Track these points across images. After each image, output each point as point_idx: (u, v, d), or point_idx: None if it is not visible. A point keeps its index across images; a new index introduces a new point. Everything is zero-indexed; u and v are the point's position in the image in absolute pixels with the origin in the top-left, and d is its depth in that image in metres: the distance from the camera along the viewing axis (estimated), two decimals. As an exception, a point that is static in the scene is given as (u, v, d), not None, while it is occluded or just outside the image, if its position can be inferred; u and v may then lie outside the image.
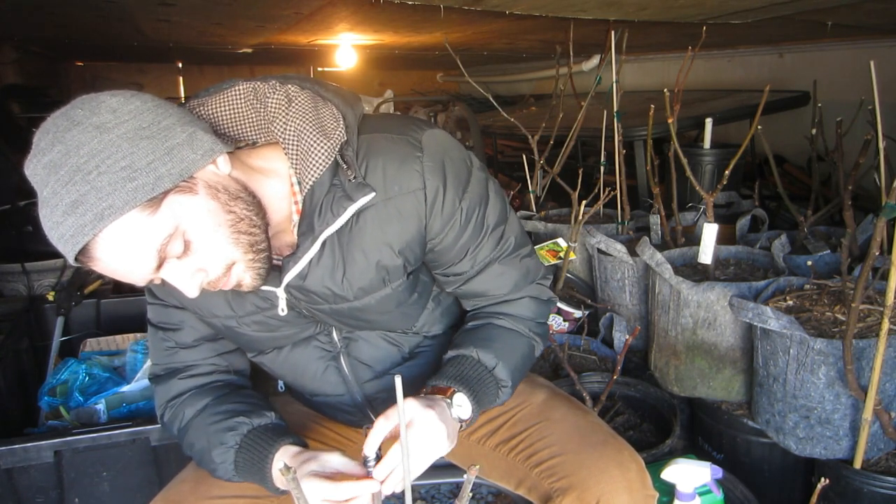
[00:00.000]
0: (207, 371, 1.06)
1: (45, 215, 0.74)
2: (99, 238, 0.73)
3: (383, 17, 2.94)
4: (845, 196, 1.75)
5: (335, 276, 0.94)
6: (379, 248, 0.93)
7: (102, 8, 2.79)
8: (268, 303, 0.99)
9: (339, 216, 0.88)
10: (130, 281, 0.80)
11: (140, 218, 0.74)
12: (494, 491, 1.82)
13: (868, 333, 1.50)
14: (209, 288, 0.84)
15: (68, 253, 0.74)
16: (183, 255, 0.79)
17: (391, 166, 0.91)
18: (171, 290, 0.95)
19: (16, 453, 1.23)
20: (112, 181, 0.72)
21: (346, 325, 1.04)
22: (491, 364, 0.98)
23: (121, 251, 0.75)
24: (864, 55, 2.67)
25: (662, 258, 1.86)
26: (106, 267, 0.77)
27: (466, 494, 0.76)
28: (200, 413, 1.01)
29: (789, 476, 1.71)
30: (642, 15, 2.42)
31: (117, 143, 0.74)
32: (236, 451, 0.95)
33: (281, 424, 1.01)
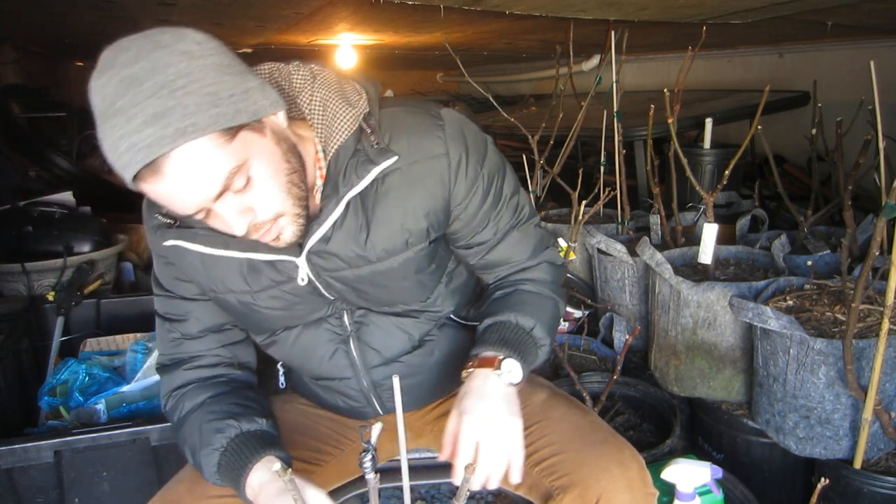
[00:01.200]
0: (212, 363, 1.06)
1: (118, 124, 0.74)
2: (174, 153, 0.75)
3: (383, 17, 2.94)
4: (845, 196, 1.75)
5: (359, 238, 0.96)
6: (403, 210, 0.96)
7: (102, 8, 2.79)
8: (284, 275, 0.99)
9: (363, 178, 0.91)
10: (181, 205, 0.81)
11: (217, 143, 0.77)
12: (494, 491, 1.82)
13: (868, 333, 1.50)
14: (252, 232, 0.86)
15: (136, 163, 0.75)
16: (242, 190, 0.82)
17: (414, 134, 0.95)
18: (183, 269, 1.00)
19: (16, 453, 1.23)
20: (197, 102, 0.75)
21: (362, 297, 1.04)
22: (529, 325, 1.01)
23: (191, 171, 0.77)
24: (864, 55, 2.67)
25: (662, 258, 1.86)
26: (168, 185, 0.77)
27: (464, 494, 0.76)
28: (198, 408, 1.01)
29: (789, 476, 1.71)
30: (642, 15, 2.42)
31: (204, 71, 0.76)
32: (220, 454, 0.95)
33: (270, 433, 1.00)
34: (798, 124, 2.94)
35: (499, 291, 1.09)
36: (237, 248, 0.95)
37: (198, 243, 0.95)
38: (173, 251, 0.99)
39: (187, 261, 1.00)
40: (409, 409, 1.18)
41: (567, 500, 0.95)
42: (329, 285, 1.01)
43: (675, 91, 2.09)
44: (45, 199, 2.68)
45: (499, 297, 1.08)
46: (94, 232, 2.52)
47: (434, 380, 1.15)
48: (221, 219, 0.84)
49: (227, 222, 0.84)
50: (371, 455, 0.87)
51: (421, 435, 1.24)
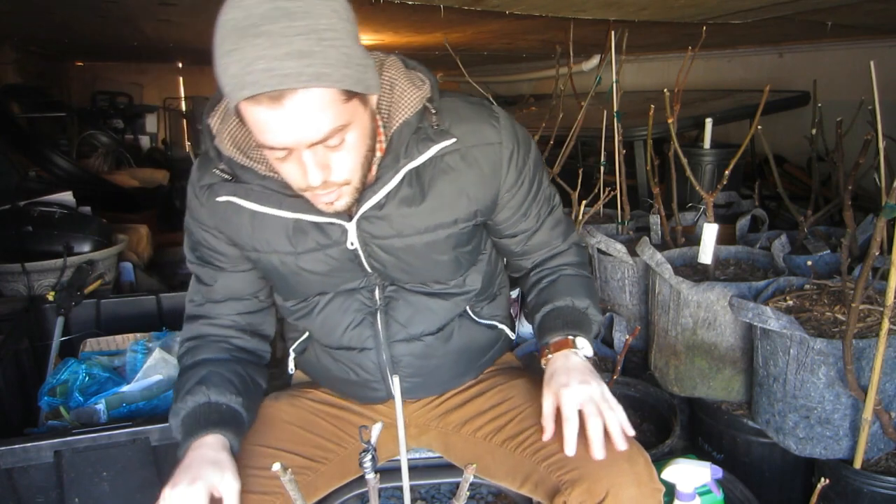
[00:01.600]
0: (226, 325, 1.14)
1: (260, 45, 0.77)
2: (302, 92, 0.80)
3: (383, 17, 2.94)
4: (845, 196, 1.75)
5: (411, 209, 1.02)
6: (457, 189, 1.04)
7: (102, 8, 2.79)
8: (330, 239, 1.04)
9: (423, 153, 0.99)
10: (280, 138, 0.84)
11: (336, 99, 0.83)
12: (495, 491, 1.82)
13: (868, 333, 1.50)
14: (319, 190, 0.91)
15: (265, 86, 0.78)
16: (332, 148, 0.87)
17: (472, 121, 1.04)
18: (227, 229, 1.06)
19: (16, 453, 1.23)
20: (337, 57, 0.80)
21: (401, 269, 1.09)
22: (584, 306, 1.14)
23: (307, 112, 0.82)
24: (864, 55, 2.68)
25: (662, 258, 1.86)
26: (279, 116, 0.81)
27: (464, 494, 0.76)
28: (194, 366, 1.09)
29: (789, 476, 1.71)
30: (642, 15, 2.42)
31: (345, 32, 0.82)
32: (185, 414, 1.03)
33: (234, 411, 1.05)
34: (798, 124, 2.95)
35: (544, 280, 1.19)
36: (288, 209, 1.00)
37: (251, 201, 1.00)
38: (222, 210, 1.05)
39: (234, 221, 1.05)
40: (418, 397, 1.21)
41: (576, 494, 0.96)
42: (372, 254, 1.06)
43: (675, 91, 2.09)
44: (45, 199, 2.68)
45: (547, 285, 1.18)
46: (94, 232, 2.52)
47: (446, 368, 1.18)
48: (302, 166, 0.88)
49: (307, 170, 0.88)
50: (371, 455, 0.87)
51: (426, 430, 1.24)
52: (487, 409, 1.17)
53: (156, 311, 2.00)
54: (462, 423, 1.19)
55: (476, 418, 1.18)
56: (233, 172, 1.01)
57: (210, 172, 1.04)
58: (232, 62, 0.78)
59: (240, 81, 0.79)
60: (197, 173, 1.07)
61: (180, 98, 7.84)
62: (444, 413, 1.22)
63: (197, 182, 1.07)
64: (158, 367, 1.57)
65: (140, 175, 4.62)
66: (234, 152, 1.00)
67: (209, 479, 0.91)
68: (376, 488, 0.89)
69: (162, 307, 2.00)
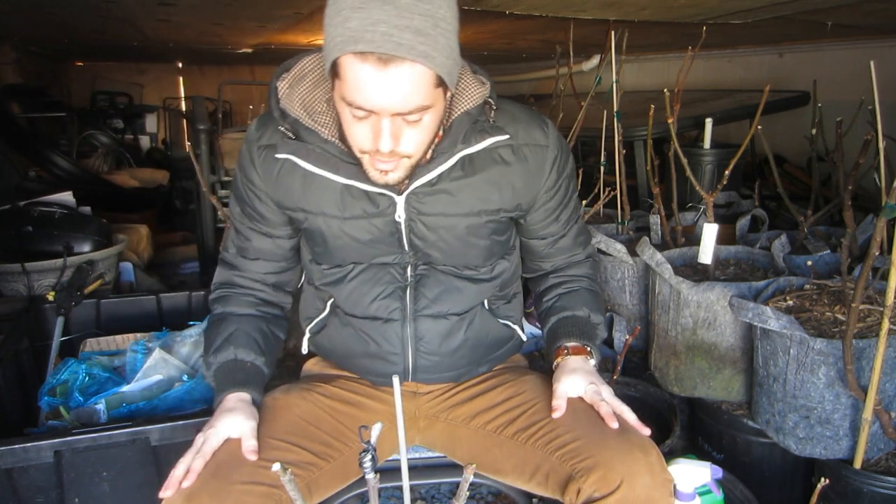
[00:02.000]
0: (254, 279, 1.24)
1: (386, 10, 0.85)
2: (409, 64, 0.88)
3: (383, 17, 2.94)
4: (845, 196, 1.75)
5: (461, 191, 1.11)
6: (503, 180, 1.12)
7: (102, 8, 2.80)
8: (377, 209, 1.11)
9: (479, 143, 1.08)
10: (371, 97, 0.90)
11: (432, 81, 0.92)
12: (494, 491, 1.82)
13: (868, 333, 1.50)
14: (382, 157, 0.98)
15: (378, 47, 0.85)
16: (409, 123, 0.95)
17: (525, 123, 1.14)
18: (278, 190, 1.13)
19: (16, 453, 1.23)
20: (443, 44, 0.90)
21: (438, 249, 1.15)
22: (597, 322, 1.25)
23: (405, 83, 0.90)
24: (864, 55, 2.68)
25: (662, 258, 1.86)
26: (378, 77, 0.88)
27: (464, 493, 0.76)
28: (227, 317, 1.21)
29: (789, 476, 1.71)
30: (642, 15, 2.42)
31: (453, 29, 0.93)
32: (217, 367, 1.16)
33: (259, 370, 1.18)
34: (798, 124, 2.95)
35: (565, 286, 1.29)
36: (343, 175, 1.07)
37: (309, 162, 1.07)
38: (276, 170, 1.11)
39: (286, 181, 1.12)
40: (433, 379, 1.24)
41: (590, 482, 0.98)
42: (414, 230, 1.13)
43: (675, 91, 2.09)
44: (45, 199, 2.68)
45: (568, 293, 1.28)
46: (94, 232, 2.52)
47: (464, 352, 1.22)
48: (376, 130, 0.94)
49: (381, 136, 0.94)
50: (371, 455, 0.87)
51: (434, 423, 1.25)
52: (498, 402, 1.19)
53: (156, 311, 1.99)
54: (472, 416, 1.20)
55: (486, 412, 1.19)
56: (297, 132, 1.07)
57: (271, 132, 1.11)
58: (354, 17, 0.85)
59: (357, 36, 0.85)
60: (256, 132, 1.13)
61: (180, 98, 7.84)
62: (455, 405, 1.24)
63: (255, 141, 1.13)
64: (158, 367, 1.57)
65: (140, 175, 4.62)
66: (301, 114, 1.06)
67: (227, 426, 1.05)
68: (376, 488, 0.89)
69: (162, 307, 2.00)
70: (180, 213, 4.82)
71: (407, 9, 0.86)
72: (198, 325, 1.73)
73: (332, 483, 1.12)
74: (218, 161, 3.53)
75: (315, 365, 1.35)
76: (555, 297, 1.29)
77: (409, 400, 1.26)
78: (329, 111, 1.07)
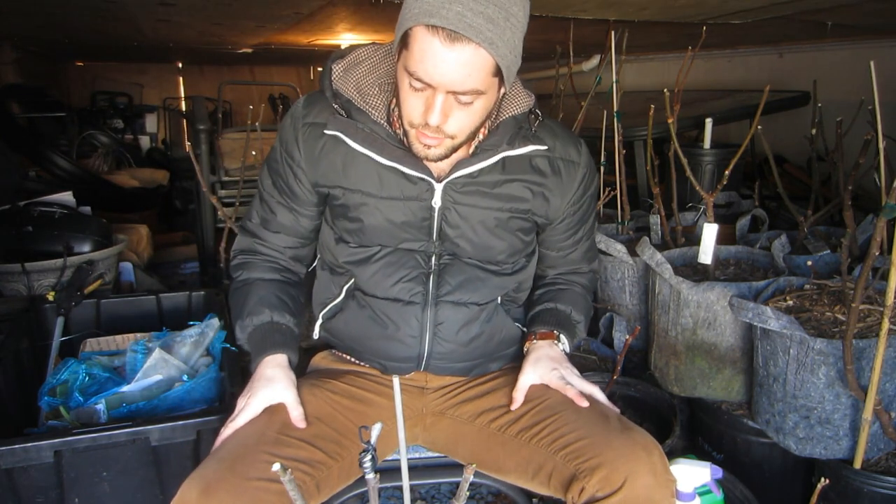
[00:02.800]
0: (275, 249, 1.29)
1: None
2: (473, 46, 0.94)
3: (383, 17, 2.94)
4: (845, 196, 1.75)
5: (498, 186, 1.18)
6: (535, 187, 1.20)
7: (102, 8, 2.80)
8: (414, 192, 1.16)
9: (520, 147, 1.16)
10: (432, 70, 0.96)
11: (492, 70, 0.98)
12: (494, 491, 1.82)
13: (868, 333, 1.50)
14: (429, 131, 1.03)
15: (451, 24, 0.92)
16: (461, 104, 1.01)
17: (563, 138, 1.23)
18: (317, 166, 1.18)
19: (16, 453, 1.23)
20: (509, 39, 0.97)
21: (466, 238, 1.19)
22: (578, 319, 1.31)
23: (465, 63, 0.96)
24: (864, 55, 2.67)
25: (662, 258, 1.86)
26: (444, 54, 0.95)
27: (464, 493, 0.76)
28: (255, 282, 1.25)
29: (789, 476, 1.71)
30: (642, 15, 2.42)
31: (521, 27, 1.00)
32: (252, 329, 1.20)
33: (292, 331, 1.23)
34: (798, 124, 2.94)
35: (558, 286, 1.36)
36: (387, 156, 1.12)
37: (356, 141, 1.13)
38: (318, 147, 1.16)
39: (328, 157, 1.17)
40: (444, 370, 1.26)
41: (594, 481, 0.99)
42: (446, 218, 1.18)
43: (675, 91, 2.09)
44: (45, 199, 2.68)
45: (556, 292, 1.34)
46: (94, 232, 2.52)
47: (478, 345, 1.25)
48: (429, 103, 1.00)
49: (432, 109, 1.00)
50: (371, 455, 0.87)
51: (440, 419, 1.26)
52: (505, 402, 1.20)
53: (156, 311, 2.00)
54: (477, 414, 1.21)
55: (492, 410, 1.20)
56: (348, 111, 1.13)
57: (318, 109, 1.17)
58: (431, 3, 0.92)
59: (433, 10, 0.92)
60: (304, 109, 1.18)
61: (180, 98, 7.84)
62: (461, 402, 1.25)
63: (302, 118, 1.18)
64: (158, 367, 1.57)
65: (140, 175, 4.62)
66: (354, 95, 1.13)
67: (268, 395, 1.11)
68: (376, 488, 0.89)
69: (162, 307, 2.00)
70: (180, 213, 4.82)
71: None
72: (197, 324, 1.73)
73: (340, 481, 1.12)
74: (218, 161, 3.53)
75: (323, 360, 1.36)
76: (543, 292, 1.35)
77: (416, 396, 1.27)
78: (380, 95, 1.14)
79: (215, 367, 1.59)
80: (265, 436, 1.05)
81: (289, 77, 7.72)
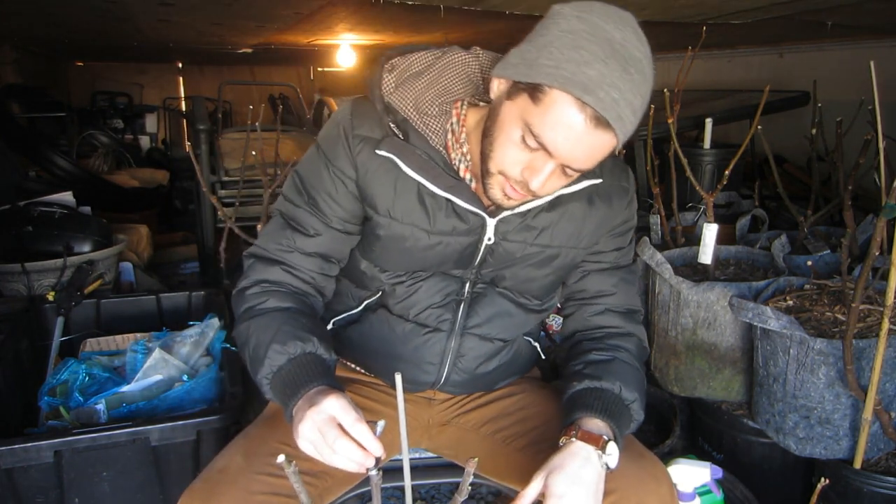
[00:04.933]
0: (305, 280, 1.09)
1: (625, 80, 0.85)
2: (610, 135, 0.88)
3: (383, 17, 2.95)
4: (845, 196, 1.75)
5: (548, 223, 1.09)
6: (585, 220, 1.11)
7: (102, 8, 2.80)
8: (465, 227, 1.06)
9: (575, 184, 1.05)
10: (557, 143, 0.88)
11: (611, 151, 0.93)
12: (494, 491, 1.82)
13: (868, 333, 1.50)
14: (522, 190, 0.95)
15: (603, 106, 0.84)
16: (564, 173, 0.94)
17: (614, 168, 1.14)
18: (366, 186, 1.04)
19: (16, 453, 1.23)
20: (636, 125, 0.90)
21: (509, 271, 1.12)
22: (631, 399, 1.05)
23: (595, 147, 0.90)
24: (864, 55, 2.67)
25: (662, 258, 1.86)
26: (579, 132, 0.87)
27: (465, 488, 0.76)
28: (283, 311, 1.04)
29: (789, 476, 1.71)
30: (642, 15, 2.41)
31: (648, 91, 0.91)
32: (288, 359, 0.96)
33: (331, 364, 1.02)
34: (798, 124, 2.94)
35: (595, 354, 1.12)
36: (442, 187, 1.02)
37: (412, 168, 1.01)
38: (370, 164, 1.03)
39: (380, 179, 1.03)
40: (455, 393, 1.22)
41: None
42: (493, 251, 1.09)
43: (675, 91, 2.09)
44: (45, 199, 2.68)
45: (598, 361, 1.10)
46: (94, 232, 2.52)
47: (495, 374, 1.20)
48: (537, 167, 0.92)
49: (538, 174, 0.92)
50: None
51: (445, 429, 1.24)
52: (511, 412, 1.18)
53: (156, 311, 2.00)
54: (483, 423, 1.20)
55: (498, 419, 1.18)
56: (405, 132, 1.02)
57: (370, 123, 1.03)
58: (596, 66, 0.83)
59: (591, 87, 0.83)
60: (353, 120, 1.04)
61: (180, 98, 7.85)
62: (467, 411, 1.23)
63: (352, 129, 1.03)
64: (158, 367, 1.57)
65: (140, 175, 4.62)
66: (412, 114, 1.01)
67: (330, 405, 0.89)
68: (379, 486, 0.89)
69: (162, 307, 2.00)
70: (180, 213, 4.82)
71: (638, 87, 0.87)
72: (197, 324, 1.73)
73: (342, 488, 1.12)
74: (218, 161, 3.53)
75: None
76: (578, 365, 1.13)
77: (423, 408, 1.25)
78: (439, 117, 1.03)
79: (215, 367, 1.59)
80: (268, 447, 1.03)
81: (289, 77, 7.71)
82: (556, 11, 0.90)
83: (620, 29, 0.86)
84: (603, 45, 0.84)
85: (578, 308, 1.20)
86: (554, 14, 0.91)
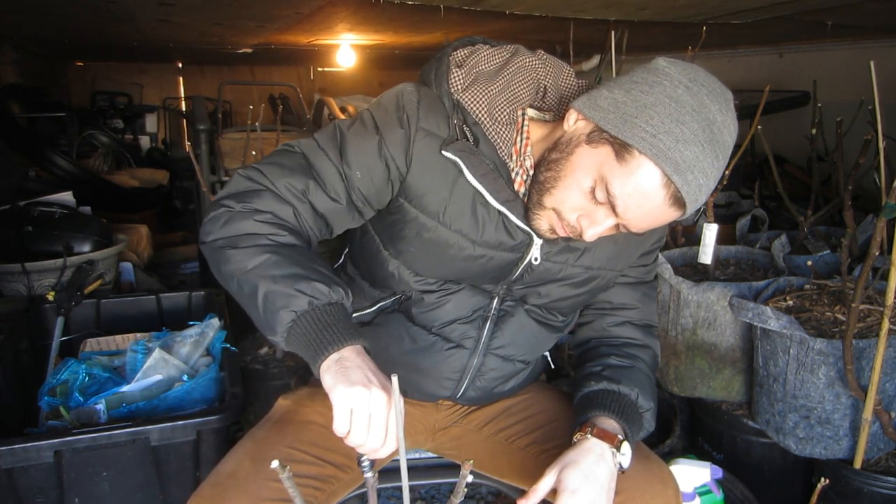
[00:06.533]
0: (307, 236, 0.97)
1: (713, 166, 0.84)
2: (680, 213, 0.87)
3: (383, 17, 2.95)
4: (845, 196, 1.75)
5: (594, 245, 1.05)
6: (625, 240, 1.07)
7: (102, 8, 2.80)
8: (512, 242, 1.01)
9: None
10: (625, 207, 0.86)
11: (672, 218, 0.89)
12: (494, 491, 1.82)
13: (868, 333, 1.50)
14: (573, 235, 0.95)
15: (686, 189, 0.83)
16: (619, 230, 0.93)
17: None
18: (422, 180, 0.97)
19: (16, 453, 1.23)
20: (709, 182, 0.86)
21: (545, 288, 1.08)
22: (646, 407, 1.06)
23: (663, 221, 0.89)
24: (864, 55, 2.67)
25: (662, 258, 1.86)
26: (653, 204, 0.85)
27: (461, 490, 0.75)
28: (309, 250, 0.92)
29: (789, 476, 1.71)
30: (642, 15, 2.42)
31: None
32: (329, 303, 0.85)
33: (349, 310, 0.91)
34: (798, 124, 2.94)
35: (615, 359, 1.12)
36: (499, 200, 0.97)
37: (476, 175, 0.95)
38: (429, 160, 0.96)
39: (437, 180, 0.97)
40: (466, 404, 1.21)
41: None
42: (530, 269, 1.05)
43: (675, 91, 2.09)
44: (45, 199, 2.68)
45: (617, 366, 1.10)
46: (94, 232, 2.52)
47: (508, 390, 1.19)
48: (598, 222, 0.91)
49: (594, 225, 0.91)
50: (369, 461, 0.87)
51: (448, 431, 1.24)
52: (515, 411, 1.18)
53: (156, 311, 2.00)
54: (485, 422, 1.19)
55: (501, 419, 1.18)
56: (475, 138, 0.96)
57: (440, 119, 0.96)
58: (694, 151, 0.82)
59: (682, 165, 0.82)
60: (419, 109, 0.96)
61: (180, 98, 7.84)
62: (472, 411, 1.22)
63: (419, 119, 0.95)
64: (158, 367, 1.57)
65: (140, 175, 4.62)
66: (485, 118, 0.96)
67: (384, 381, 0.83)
68: (375, 487, 0.88)
69: (162, 307, 2.00)
70: (180, 213, 4.82)
71: (716, 172, 0.85)
72: (197, 324, 1.73)
73: (346, 491, 1.11)
74: (218, 161, 3.53)
75: None
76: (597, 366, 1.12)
77: (430, 412, 1.24)
78: (509, 125, 0.97)
79: (215, 367, 1.59)
80: (277, 453, 1.03)
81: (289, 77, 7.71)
82: (662, 70, 0.86)
83: (723, 112, 0.84)
84: (704, 126, 0.82)
85: (598, 317, 1.19)
86: (659, 72, 0.86)
